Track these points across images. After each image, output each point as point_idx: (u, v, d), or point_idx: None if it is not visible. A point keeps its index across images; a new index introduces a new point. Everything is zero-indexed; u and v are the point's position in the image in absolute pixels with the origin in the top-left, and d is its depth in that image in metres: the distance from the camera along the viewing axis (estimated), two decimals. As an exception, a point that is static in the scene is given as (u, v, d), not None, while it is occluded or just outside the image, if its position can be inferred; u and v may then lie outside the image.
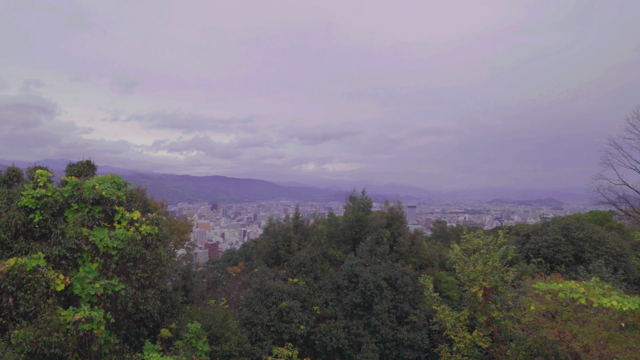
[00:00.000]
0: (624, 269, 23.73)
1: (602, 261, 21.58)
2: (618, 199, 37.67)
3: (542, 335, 13.16)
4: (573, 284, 12.42)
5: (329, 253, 25.75)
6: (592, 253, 24.66)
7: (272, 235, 25.93)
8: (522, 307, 13.50)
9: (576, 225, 26.44)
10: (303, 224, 26.58)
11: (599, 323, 11.39)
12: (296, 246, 24.33)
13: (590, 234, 25.57)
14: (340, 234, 28.01)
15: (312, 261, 22.65)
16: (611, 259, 24.25)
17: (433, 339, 20.41)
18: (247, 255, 33.37)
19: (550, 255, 25.23)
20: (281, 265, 24.02)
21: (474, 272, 14.86)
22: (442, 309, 15.76)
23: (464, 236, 16.85)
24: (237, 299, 22.44)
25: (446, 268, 26.75)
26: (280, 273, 22.16)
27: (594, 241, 25.21)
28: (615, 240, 26.23)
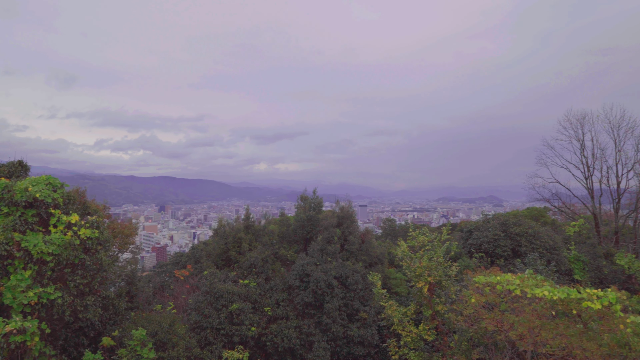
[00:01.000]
0: (556, 261, 25.56)
1: (537, 254, 23.13)
2: (551, 196, 40.48)
3: (483, 326, 13.87)
4: (510, 276, 13.23)
5: (280, 253, 25.68)
6: (528, 247, 26.35)
7: (222, 236, 25.46)
8: (464, 300, 14.16)
9: (514, 221, 28.12)
10: (254, 224, 26.32)
11: (532, 312, 12.18)
12: (247, 247, 24.05)
13: (526, 229, 27.30)
14: (291, 234, 28.01)
15: (263, 262, 22.49)
16: (545, 252, 26.05)
17: (382, 335, 20.92)
18: (196, 257, 32.54)
19: (491, 249, 26.68)
20: (232, 267, 23.64)
21: (420, 268, 15.42)
22: (389, 305, 16.22)
23: (410, 234, 17.45)
24: (185, 303, 21.84)
25: (395, 265, 27.49)
26: (230, 275, 21.81)
27: (530, 236, 26.95)
28: (549, 234, 28.19)
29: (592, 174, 36.81)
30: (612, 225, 37.11)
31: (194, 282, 24.56)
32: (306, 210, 27.56)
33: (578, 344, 10.86)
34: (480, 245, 27.21)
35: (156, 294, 25.20)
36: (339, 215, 26.83)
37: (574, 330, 11.55)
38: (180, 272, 27.11)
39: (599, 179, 36.60)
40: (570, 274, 26.24)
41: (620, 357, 11.23)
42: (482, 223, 29.51)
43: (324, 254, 23.40)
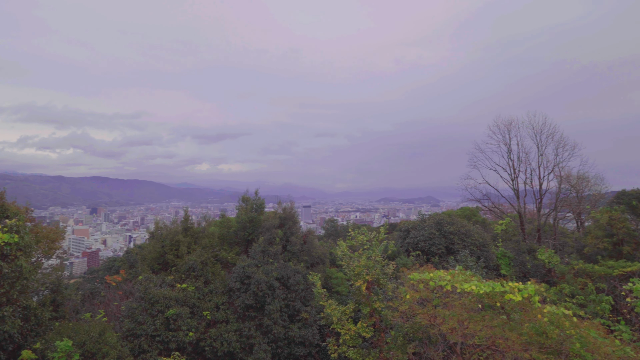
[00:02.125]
0: (485, 257, 27.24)
1: (468, 251, 24.53)
2: (482, 196, 43.04)
3: (417, 321, 14.46)
4: (442, 273, 13.90)
5: (220, 256, 25.14)
6: (460, 244, 27.85)
7: (159, 239, 24.45)
8: (400, 296, 14.69)
9: (448, 221, 29.60)
10: (193, 226, 25.54)
11: (461, 306, 12.89)
12: (185, 250, 23.28)
13: (459, 227, 28.85)
14: (232, 236, 27.52)
15: (202, 265, 21.89)
16: (475, 249, 27.67)
17: (323, 334, 21.14)
18: (130, 262, 30.99)
19: (427, 247, 27.90)
20: (169, 271, 22.77)
21: (359, 267, 15.79)
22: (329, 304, 16.44)
23: (349, 234, 17.81)
24: (117, 310, 20.72)
25: (336, 265, 27.93)
26: (167, 279, 21.00)
27: (462, 234, 28.51)
28: (479, 232, 29.99)
29: (518, 176, 39.63)
30: (535, 223, 40.19)
31: (127, 288, 23.36)
32: (248, 211, 27.22)
33: (501, 334, 11.64)
34: (417, 244, 28.35)
35: (85, 302, 23.67)
36: (281, 216, 26.77)
37: (498, 321, 12.38)
38: (112, 278, 25.67)
39: (524, 181, 39.51)
40: (497, 269, 28.06)
41: (538, 345, 12.18)
42: (418, 223, 30.76)
43: (266, 256, 23.23)
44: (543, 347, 12.12)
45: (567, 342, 11.90)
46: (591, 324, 13.77)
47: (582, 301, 21.62)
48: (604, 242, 30.91)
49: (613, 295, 20.81)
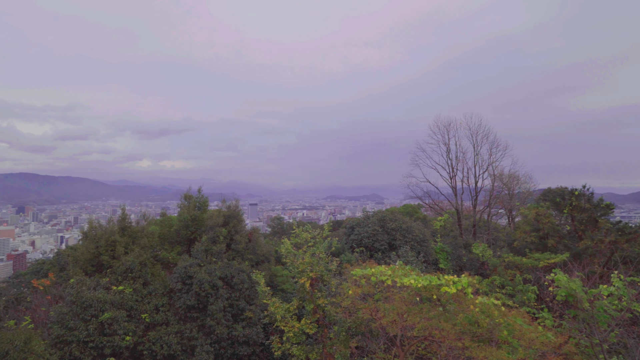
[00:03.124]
0: (424, 252, 28.39)
1: (409, 247, 25.43)
2: (423, 194, 44.82)
3: (359, 315, 14.81)
4: (383, 268, 14.31)
5: (161, 256, 24.22)
6: (402, 240, 28.82)
7: (93, 240, 23.09)
8: (343, 292, 14.95)
9: (390, 217, 30.51)
10: (131, 225, 24.37)
11: (401, 299, 13.36)
12: (122, 250, 22.17)
13: (401, 224, 29.83)
14: (174, 235, 26.61)
15: (141, 265, 20.96)
16: (416, 244, 28.75)
17: (268, 332, 21.04)
18: (61, 264, 29.03)
19: (370, 244, 28.58)
20: (104, 273, 21.58)
21: (302, 264, 15.88)
22: (273, 302, 16.39)
23: (294, 231, 17.86)
24: (45, 317, 19.33)
25: (282, 262, 27.87)
26: (102, 282, 19.90)
27: (404, 230, 29.51)
28: (420, 228, 31.18)
29: (456, 174, 41.69)
30: (471, 219, 42.49)
31: (57, 292, 21.86)
32: (190, 209, 26.42)
33: (437, 325, 12.20)
34: (361, 240, 28.97)
35: (9, 309, 21.88)
36: (225, 215, 26.26)
37: (435, 313, 12.97)
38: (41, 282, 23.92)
39: (461, 179, 41.64)
40: (436, 263, 29.37)
41: (470, 334, 12.90)
42: (363, 220, 31.43)
43: (209, 255, 22.70)
44: (475, 335, 12.85)
45: (496, 330, 12.70)
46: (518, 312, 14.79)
47: (511, 291, 23.19)
48: (532, 236, 33.26)
49: (538, 285, 22.48)
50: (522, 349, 12.47)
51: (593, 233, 30.36)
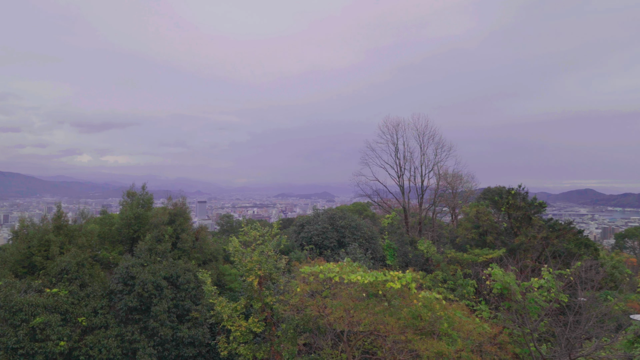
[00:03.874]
0: (372, 249, 29.03)
1: (357, 244, 25.90)
2: (372, 192, 45.75)
3: (307, 312, 14.90)
4: (331, 265, 14.47)
5: (101, 256, 23.03)
6: (351, 237, 29.28)
7: (25, 239, 21.51)
8: (292, 290, 14.97)
9: (340, 215, 30.89)
10: (67, 224, 22.95)
11: (348, 296, 13.59)
12: (57, 250, 20.82)
13: (350, 222, 30.30)
14: (115, 234, 25.37)
15: (78, 266, 19.80)
16: (364, 242, 29.33)
17: (215, 332, 20.63)
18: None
19: (320, 241, 28.79)
20: (37, 275, 20.18)
21: (251, 263, 15.72)
22: (219, 302, 16.10)
23: (242, 229, 17.63)
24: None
25: (230, 261, 27.42)
26: (34, 284, 18.61)
27: (353, 228, 29.99)
28: (368, 226, 31.84)
29: (404, 174, 42.92)
30: (417, 217, 43.94)
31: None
32: (134, 207, 25.29)
33: (382, 320, 12.54)
34: (311, 238, 29.11)
35: None
36: (171, 212, 25.40)
37: (380, 308, 13.31)
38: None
39: (409, 178, 42.93)
40: (383, 259, 30.14)
41: (413, 327, 13.38)
42: (313, 217, 31.59)
43: (153, 254, 21.86)
44: (418, 329, 13.35)
45: (437, 322, 13.26)
46: (458, 305, 15.51)
47: (452, 285, 24.31)
48: (472, 233, 35.04)
49: (477, 279, 23.71)
50: (461, 340, 13.12)
51: (527, 230, 32.47)
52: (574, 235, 33.72)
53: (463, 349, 12.81)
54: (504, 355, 14.49)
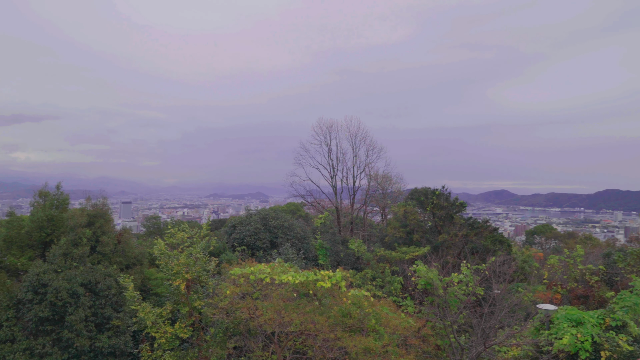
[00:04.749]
0: (305, 249, 29.21)
1: (289, 244, 25.92)
2: (306, 192, 46.09)
3: (238, 315, 14.61)
4: (262, 266, 14.33)
5: (7, 262, 20.84)
6: (284, 238, 29.24)
7: None
8: (221, 292, 14.60)
9: (273, 216, 30.73)
10: (-35, 228, 20.51)
11: (279, 296, 13.54)
12: (-48, 258, 18.54)
13: (283, 222, 30.25)
14: (25, 238, 23.06)
15: (-23, 275, 17.77)
16: (297, 242, 29.43)
17: (139, 340, 19.55)
18: None
19: (252, 242, 28.43)
20: None
21: (178, 266, 15.09)
22: (142, 308, 15.27)
23: (169, 231, 16.89)
24: None
25: (156, 265, 26.14)
26: None
27: (285, 228, 29.97)
28: (301, 226, 31.98)
29: (336, 174, 43.74)
30: (349, 217, 44.96)
31: None
32: (47, 208, 23.19)
33: (312, 319, 12.64)
34: (243, 239, 28.65)
35: None
36: (90, 214, 23.67)
37: (311, 307, 13.42)
38: None
39: (341, 179, 43.84)
40: (316, 259, 30.46)
41: (343, 325, 13.65)
42: (245, 218, 31.13)
43: (69, 259, 20.19)
44: (347, 326, 13.64)
45: (366, 319, 13.66)
46: (385, 302, 16.09)
47: (381, 283, 25.18)
48: (400, 231, 36.54)
49: (403, 276, 24.77)
50: (388, 335, 13.62)
51: (449, 228, 34.53)
52: (490, 233, 36.44)
53: (389, 344, 13.30)
54: (427, 348, 15.28)
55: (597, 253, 36.36)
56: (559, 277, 30.24)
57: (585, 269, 28.71)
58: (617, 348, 13.69)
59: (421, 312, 17.46)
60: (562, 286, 29.10)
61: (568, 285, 28.78)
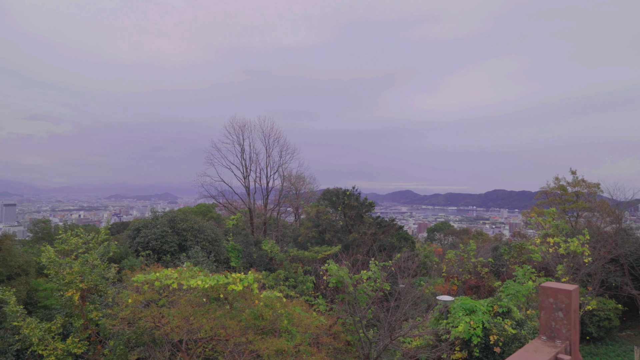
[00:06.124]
0: (216, 251, 28.26)
1: (199, 247, 24.90)
2: (218, 193, 44.67)
3: (141, 325, 13.62)
4: (168, 271, 13.53)
5: None
6: (193, 241, 28.00)
7: None
8: (122, 301, 13.51)
9: (181, 217, 29.26)
10: None
11: (187, 302, 12.89)
12: None
13: (193, 224, 28.95)
14: None
15: None
16: (207, 244, 28.35)
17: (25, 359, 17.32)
18: None
19: (159, 246, 26.76)
20: None
21: (70, 274, 13.63)
22: (27, 323, 13.55)
23: (60, 236, 15.20)
24: None
25: (45, 274, 23.42)
26: None
27: (195, 230, 28.72)
28: (212, 228, 30.90)
29: (249, 174, 43.04)
30: (262, 218, 44.56)
31: None
32: None
33: (223, 323, 12.24)
34: (148, 243, 26.86)
35: None
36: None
37: (222, 312, 12.99)
38: None
39: (254, 179, 43.24)
40: (228, 261, 29.64)
41: (255, 328, 13.42)
42: (151, 220, 29.22)
43: None
44: (259, 328, 13.44)
45: (278, 320, 13.57)
46: (298, 302, 16.18)
47: (294, 283, 25.31)
48: (313, 231, 37.13)
49: (316, 275, 25.16)
50: (300, 334, 13.69)
51: (359, 227, 35.92)
52: (396, 231, 38.63)
53: (301, 343, 13.38)
54: (338, 344, 15.66)
55: (487, 247, 40.44)
56: (456, 270, 33.09)
57: (477, 262, 31.75)
58: (503, 332, 15.30)
59: (332, 310, 17.87)
60: (458, 278, 31.87)
61: (463, 277, 31.60)
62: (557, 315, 2.89)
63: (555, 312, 2.89)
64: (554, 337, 2.90)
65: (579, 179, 38.71)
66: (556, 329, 2.90)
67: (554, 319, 2.90)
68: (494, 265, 32.39)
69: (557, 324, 2.90)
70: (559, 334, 2.89)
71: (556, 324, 2.90)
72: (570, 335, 2.83)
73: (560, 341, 2.85)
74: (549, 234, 28.21)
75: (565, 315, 2.84)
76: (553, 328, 2.91)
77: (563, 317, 2.86)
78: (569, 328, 2.83)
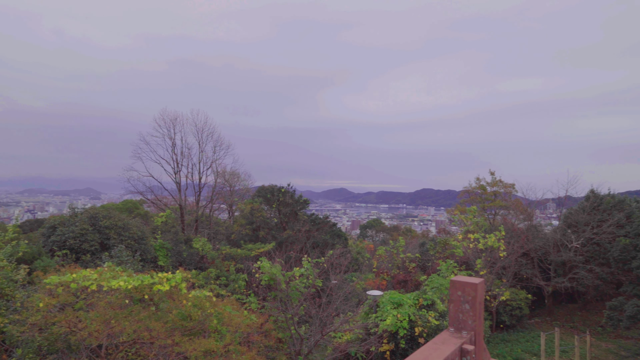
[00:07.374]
0: (142, 250, 26.87)
1: (123, 246, 23.55)
2: (146, 189, 42.48)
3: (54, 330, 12.60)
4: (87, 272, 12.63)
5: None
6: (117, 239, 26.40)
7: None
8: (33, 306, 12.40)
9: (104, 214, 27.45)
10: None
11: (107, 305, 12.12)
12: None
13: (116, 221, 27.29)
14: None
15: None
16: (133, 243, 26.88)
17: None
18: None
19: (77, 245, 24.91)
20: None
21: (-31, 279, 12.27)
22: None
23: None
24: None
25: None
26: None
27: (119, 228, 27.10)
28: (138, 225, 29.34)
29: (181, 170, 41.39)
30: (194, 215, 43.12)
31: None
32: None
33: (147, 326, 11.68)
34: (65, 242, 24.87)
35: None
36: None
37: (146, 313, 12.37)
38: None
39: (186, 175, 41.69)
40: (155, 260, 28.33)
41: (182, 329, 12.96)
42: (69, 218, 27.08)
43: None
44: (187, 329, 12.99)
45: (207, 320, 13.23)
46: (228, 300, 15.89)
47: (225, 281, 24.81)
48: (247, 228, 36.65)
49: (248, 273, 24.87)
50: (230, 334, 13.45)
51: (294, 224, 36.05)
52: (330, 228, 39.27)
53: (231, 343, 13.14)
54: (269, 342, 15.60)
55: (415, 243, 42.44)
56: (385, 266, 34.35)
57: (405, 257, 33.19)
58: (427, 323, 16.15)
59: (264, 308, 17.76)
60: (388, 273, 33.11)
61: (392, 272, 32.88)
62: (464, 308, 3.10)
63: (462, 304, 3.11)
64: (461, 329, 3.12)
65: (497, 180, 41.99)
66: (463, 321, 3.12)
67: (462, 311, 3.12)
68: (421, 260, 34.07)
69: (464, 315, 3.12)
70: (465, 325, 3.11)
71: (463, 316, 3.12)
72: (476, 326, 3.05)
73: (467, 332, 3.07)
74: (470, 230, 30.27)
75: (472, 307, 3.06)
76: (460, 320, 3.12)
77: (469, 309, 3.08)
78: (474, 319, 3.06)
